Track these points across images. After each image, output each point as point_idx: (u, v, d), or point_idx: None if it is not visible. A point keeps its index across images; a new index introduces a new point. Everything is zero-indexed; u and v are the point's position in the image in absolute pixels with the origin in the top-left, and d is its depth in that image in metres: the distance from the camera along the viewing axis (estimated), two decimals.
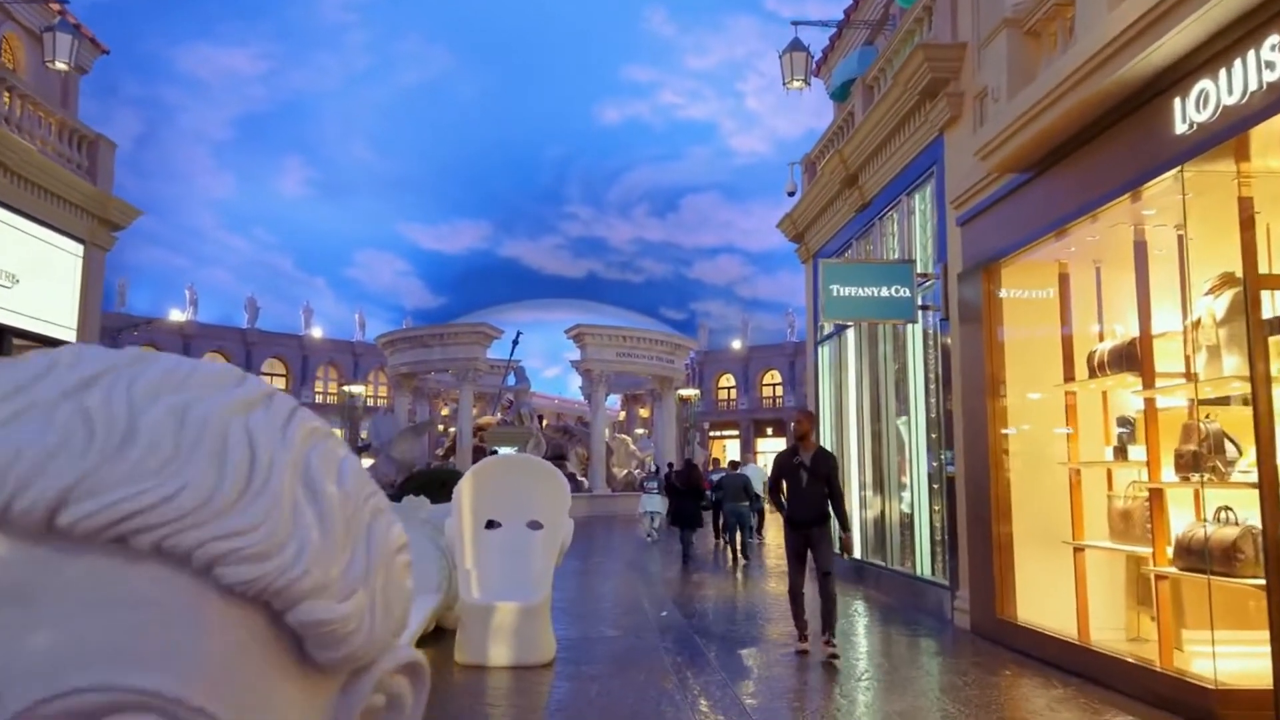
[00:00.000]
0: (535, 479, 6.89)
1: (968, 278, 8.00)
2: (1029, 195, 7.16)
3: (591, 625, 8.13)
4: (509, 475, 6.93)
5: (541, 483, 6.87)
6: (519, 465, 6.99)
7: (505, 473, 6.93)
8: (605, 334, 31.83)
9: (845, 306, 8.62)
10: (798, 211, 13.49)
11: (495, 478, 6.89)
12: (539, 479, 6.88)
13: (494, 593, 6.51)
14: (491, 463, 6.96)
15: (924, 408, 9.45)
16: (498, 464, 6.97)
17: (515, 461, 7.07)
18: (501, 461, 6.94)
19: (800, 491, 6.72)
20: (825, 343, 13.07)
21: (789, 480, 6.80)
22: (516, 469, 6.96)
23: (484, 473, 6.87)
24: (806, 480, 6.71)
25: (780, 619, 8.60)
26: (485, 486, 6.83)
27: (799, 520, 6.75)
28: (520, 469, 6.95)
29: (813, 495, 6.72)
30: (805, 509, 6.74)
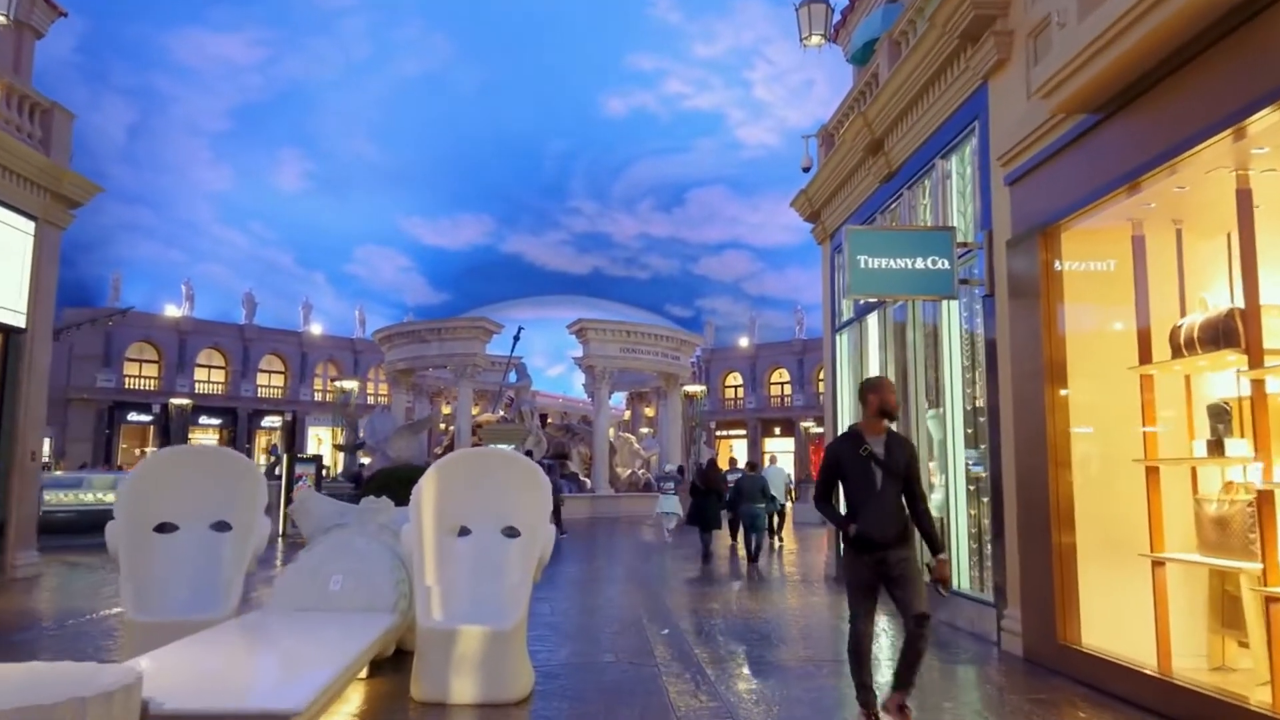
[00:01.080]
0: (511, 477, 5.79)
1: (1019, 246, 6.88)
2: (1098, 142, 6.03)
3: (581, 647, 7.03)
4: (480, 473, 5.83)
5: (519, 482, 5.78)
6: (492, 461, 5.90)
7: (476, 470, 5.83)
8: (609, 329, 30.76)
9: (874, 280, 7.50)
10: (814, 187, 12.36)
11: (464, 475, 5.80)
12: (516, 477, 5.79)
13: (458, 614, 5.42)
14: (459, 458, 5.86)
15: (960, 399, 8.33)
16: (467, 459, 5.87)
17: (487, 457, 5.97)
18: (471, 456, 5.87)
19: (873, 496, 4.64)
20: (844, 330, 11.95)
21: (853, 480, 4.73)
22: (489, 465, 5.87)
23: (450, 470, 5.78)
24: (881, 479, 4.65)
25: (800, 640, 7.49)
26: (452, 486, 5.75)
27: (874, 539, 4.62)
28: (494, 466, 5.86)
29: (891, 501, 4.65)
30: (881, 522, 4.62)
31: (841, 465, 4.80)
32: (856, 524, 4.65)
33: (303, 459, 20.88)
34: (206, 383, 46.83)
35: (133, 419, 43.43)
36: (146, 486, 5.77)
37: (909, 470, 4.74)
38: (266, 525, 5.76)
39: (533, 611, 9.00)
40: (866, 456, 4.69)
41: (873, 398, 4.86)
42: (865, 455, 4.69)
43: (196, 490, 5.87)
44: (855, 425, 4.95)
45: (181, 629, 4.99)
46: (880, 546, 4.64)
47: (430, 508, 5.62)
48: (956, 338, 8.45)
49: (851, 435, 4.91)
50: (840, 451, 4.85)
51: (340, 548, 5.82)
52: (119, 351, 43.68)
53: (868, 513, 4.64)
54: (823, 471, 4.93)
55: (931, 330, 9.09)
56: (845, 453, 4.79)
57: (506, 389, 33.18)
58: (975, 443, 8.05)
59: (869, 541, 4.65)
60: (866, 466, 4.68)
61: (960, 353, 8.35)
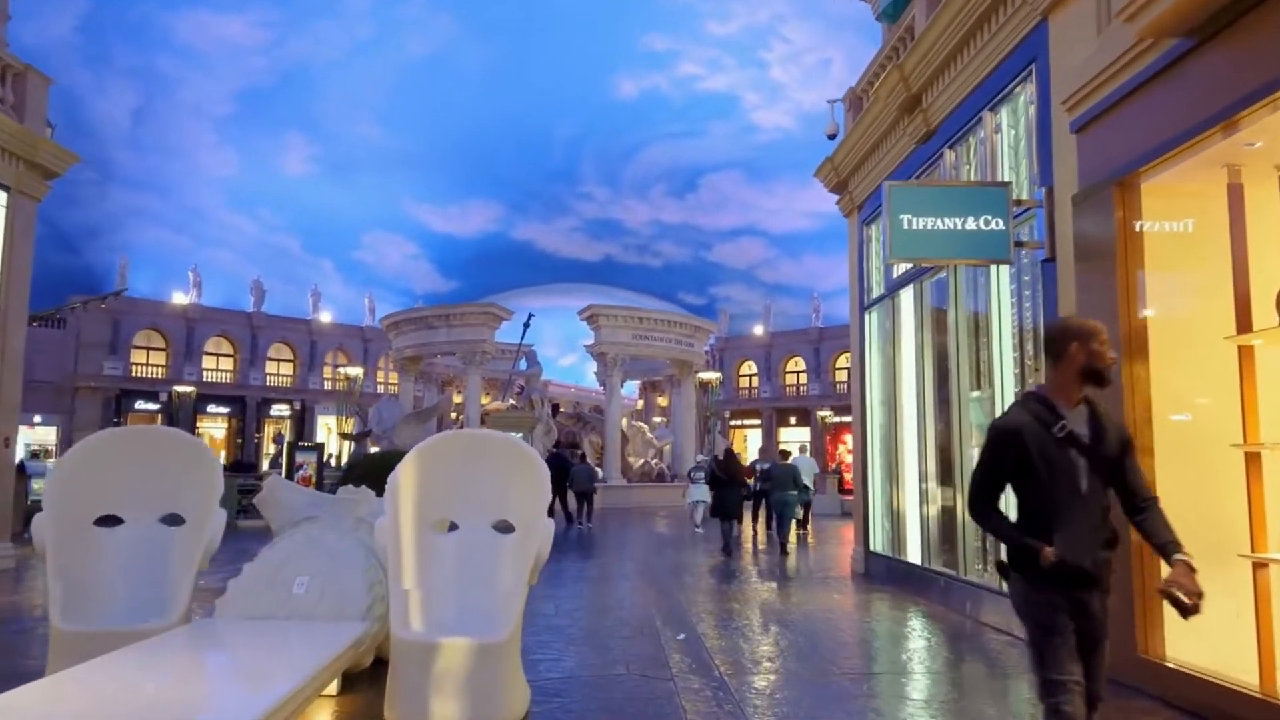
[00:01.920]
0: (505, 463, 4.98)
1: (1088, 201, 5.99)
2: (1189, 72, 5.14)
3: (587, 657, 6.23)
4: (469, 458, 5.02)
5: (513, 469, 4.97)
6: (482, 445, 5.08)
7: (464, 455, 5.02)
8: (620, 315, 29.96)
9: (917, 243, 6.63)
10: (840, 154, 11.47)
11: (449, 461, 4.99)
12: (510, 463, 4.98)
13: (441, 624, 4.63)
14: (444, 440, 5.05)
15: (1011, 380, 7.46)
16: (453, 442, 5.06)
17: (477, 440, 5.16)
18: (458, 439, 5.07)
19: (1077, 500, 2.98)
20: (874, 308, 11.08)
21: (1043, 475, 2.98)
22: (479, 450, 5.05)
23: (433, 454, 4.97)
24: (1088, 475, 3.00)
25: (834, 648, 6.66)
26: (435, 473, 4.95)
27: (1084, 570, 2.95)
28: (485, 450, 5.05)
29: (1099, 508, 3.00)
30: (1092, 541, 2.97)
31: (1025, 452, 2.99)
32: (1056, 545, 2.91)
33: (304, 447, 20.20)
34: (215, 371, 46.33)
35: (140, 407, 42.98)
36: (84, 473, 5.01)
37: (1125, 458, 3.08)
38: (222, 518, 4.99)
39: (537, 612, 8.23)
40: (1064, 439, 2.99)
41: (1075, 349, 3.05)
42: (1063, 437, 2.99)
43: (144, 477, 5.10)
44: (1039, 390, 3.18)
45: (119, 640, 4.21)
46: (1089, 580, 2.96)
47: (409, 498, 4.82)
48: (1007, 309, 7.57)
49: (1038, 403, 3.10)
50: (1022, 430, 3.02)
51: (307, 545, 5.04)
52: (126, 339, 43.22)
53: (1071, 526, 2.94)
54: (988, 464, 3.13)
55: (978, 302, 8.21)
56: (1031, 433, 3.00)
57: (516, 377, 32.46)
58: None
59: (1074, 574, 2.93)
60: (1064, 455, 2.98)
61: (1012, 326, 7.48)
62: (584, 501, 18.88)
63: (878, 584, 10.09)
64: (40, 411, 40.50)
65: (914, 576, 9.41)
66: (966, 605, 8.00)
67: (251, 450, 44.48)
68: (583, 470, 19.58)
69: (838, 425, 48.07)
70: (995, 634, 7.12)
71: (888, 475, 10.64)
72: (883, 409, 10.92)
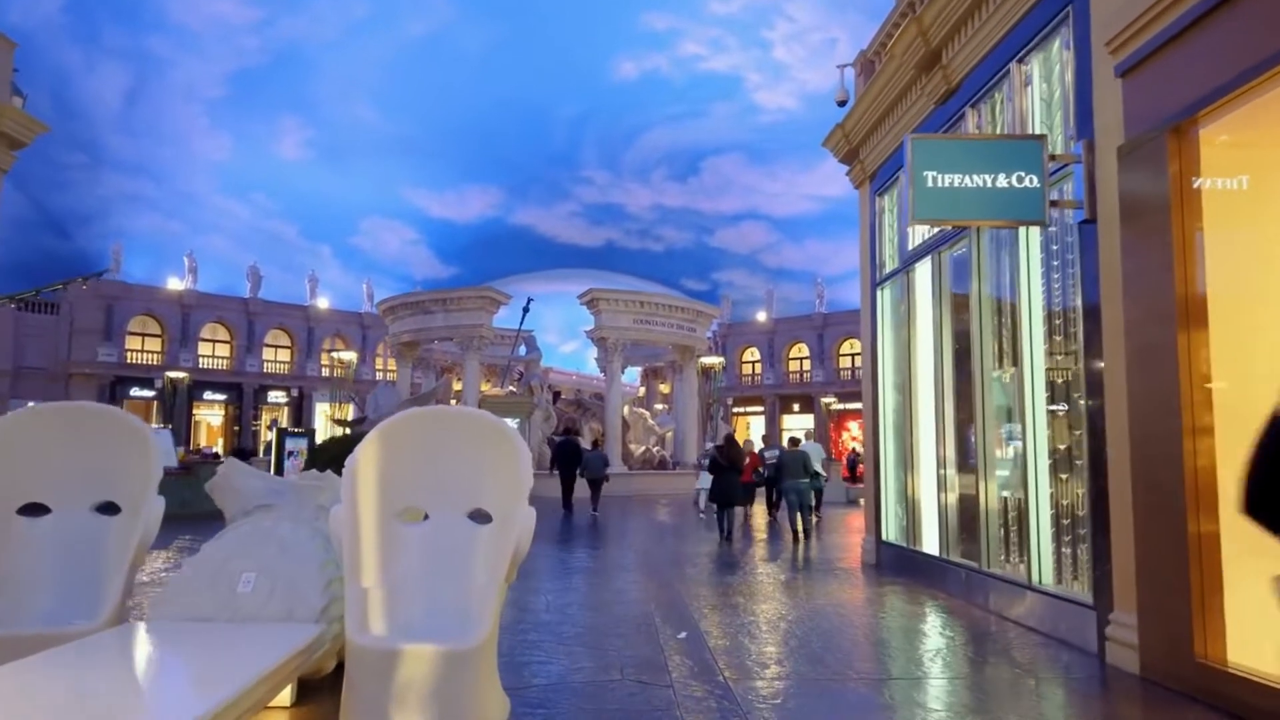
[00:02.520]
0: (480, 445, 4.39)
1: (1137, 152, 5.36)
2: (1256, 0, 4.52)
3: (577, 659, 5.65)
4: (440, 438, 4.43)
5: (490, 450, 4.37)
6: (455, 424, 4.47)
7: (433, 434, 4.43)
8: (621, 299, 29.34)
9: (943, 203, 6.01)
10: (851, 120, 10.81)
11: (417, 442, 4.40)
12: (486, 444, 4.38)
13: (405, 627, 4.05)
14: (411, 418, 4.45)
15: (1042, 356, 6.85)
16: (421, 420, 4.45)
17: (448, 418, 4.55)
18: (427, 417, 4.47)
19: None
20: (886, 284, 10.45)
21: None
22: (451, 429, 4.45)
23: (399, 434, 4.38)
24: None
25: (849, 648, 6.08)
26: (400, 455, 4.36)
27: None
28: (458, 429, 4.45)
29: None
30: None
31: None
32: None
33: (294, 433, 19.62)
34: (211, 357, 45.81)
35: (135, 394, 42.47)
36: (6, 457, 4.42)
37: None
38: (159, 506, 4.41)
39: (526, 607, 7.66)
40: None
41: None
42: None
43: (74, 461, 4.53)
44: None
45: (41, 644, 3.65)
46: None
47: (370, 484, 4.23)
48: (1036, 280, 6.95)
49: None
50: None
51: (256, 537, 4.44)
52: (120, 325, 42.68)
53: None
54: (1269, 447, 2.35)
55: (1003, 273, 7.58)
56: None
57: (516, 363, 31.90)
58: (1069, 405, 6.58)
59: None
60: None
61: (1042, 299, 6.85)
62: (596, 488, 18.84)
63: (891, 575, 9.52)
64: (33, 398, 39.94)
65: (930, 568, 8.84)
66: (990, 599, 7.42)
67: (249, 437, 43.97)
68: (596, 457, 19.47)
69: (842, 412, 47.51)
70: (1022, 631, 6.54)
71: (901, 461, 10.05)
72: (896, 392, 10.32)
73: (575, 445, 20.02)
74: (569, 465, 19.04)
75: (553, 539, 13.83)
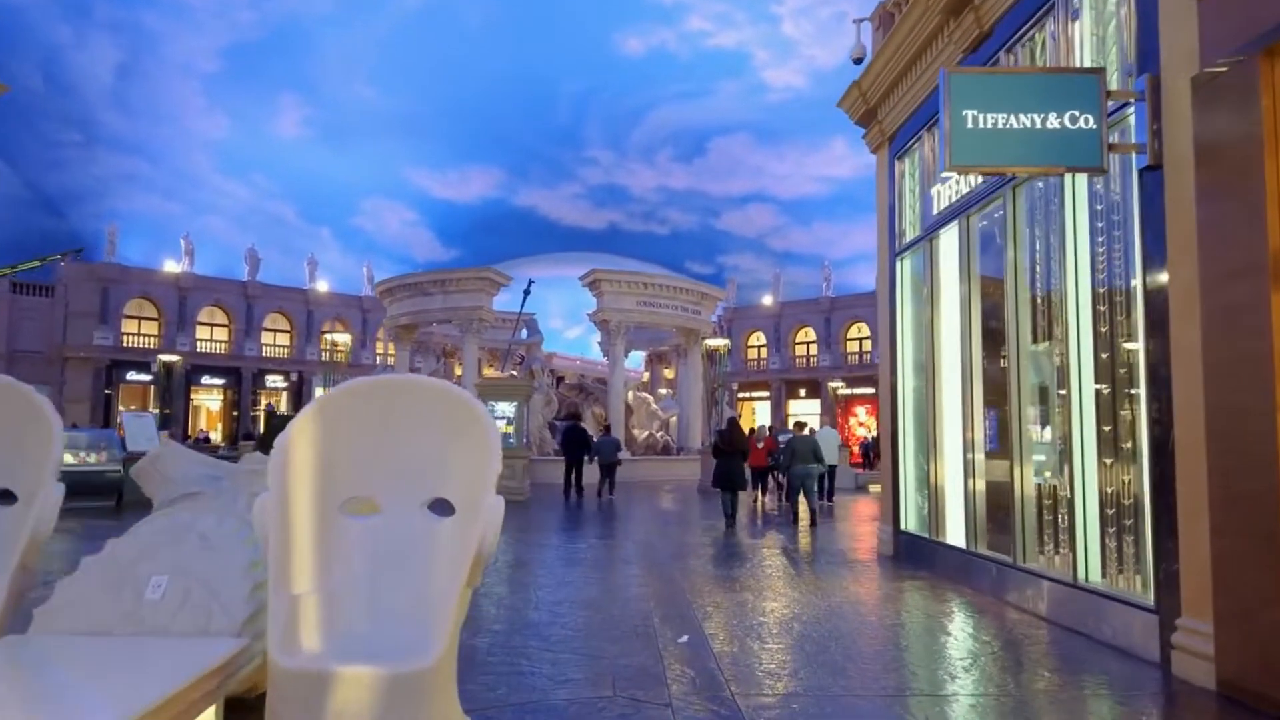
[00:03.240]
0: (440, 421, 3.66)
1: (1218, 82, 4.58)
2: None
3: (564, 670, 4.94)
4: (391, 414, 3.69)
5: (452, 429, 3.64)
6: (408, 397, 3.72)
7: (384, 409, 3.69)
8: (624, 281, 28.58)
9: (984, 147, 5.24)
10: (869, 78, 10.00)
11: (364, 418, 3.67)
12: (447, 421, 3.65)
13: (343, 646, 3.33)
14: (356, 390, 3.71)
15: (1090, 324, 6.09)
16: (368, 392, 3.71)
17: (401, 390, 3.78)
18: (375, 389, 3.72)
19: None
20: (907, 253, 9.68)
21: None
22: (406, 402, 3.71)
23: (342, 409, 3.66)
24: None
25: (871, 656, 5.35)
26: (346, 435, 3.63)
27: None
28: (414, 404, 3.71)
29: None
30: None
31: None
32: None
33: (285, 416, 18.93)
34: (209, 341, 45.19)
35: (132, 378, 41.91)
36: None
37: None
38: (56, 495, 3.69)
39: (511, 607, 6.94)
40: None
41: None
42: None
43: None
44: None
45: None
46: None
47: (307, 468, 3.51)
48: (1084, 239, 6.17)
49: None
50: None
51: (173, 532, 3.73)
52: (116, 308, 42.06)
53: None
54: None
55: (1043, 235, 6.81)
56: None
57: (517, 347, 31.17)
58: (1117, 382, 5.83)
59: None
60: None
61: (1091, 260, 6.08)
62: (608, 473, 18.89)
63: (911, 569, 8.80)
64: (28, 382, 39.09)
65: (955, 561, 8.11)
66: (1025, 598, 6.69)
67: (248, 422, 43.41)
68: (609, 442, 19.64)
69: (849, 397, 46.77)
70: (1065, 634, 5.81)
71: (922, 446, 9.31)
72: (916, 371, 9.57)
73: (582, 431, 19.84)
74: (575, 450, 18.82)
75: (552, 527, 13.15)
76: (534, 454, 23.22)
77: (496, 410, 18.65)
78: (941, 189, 8.45)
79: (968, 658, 5.30)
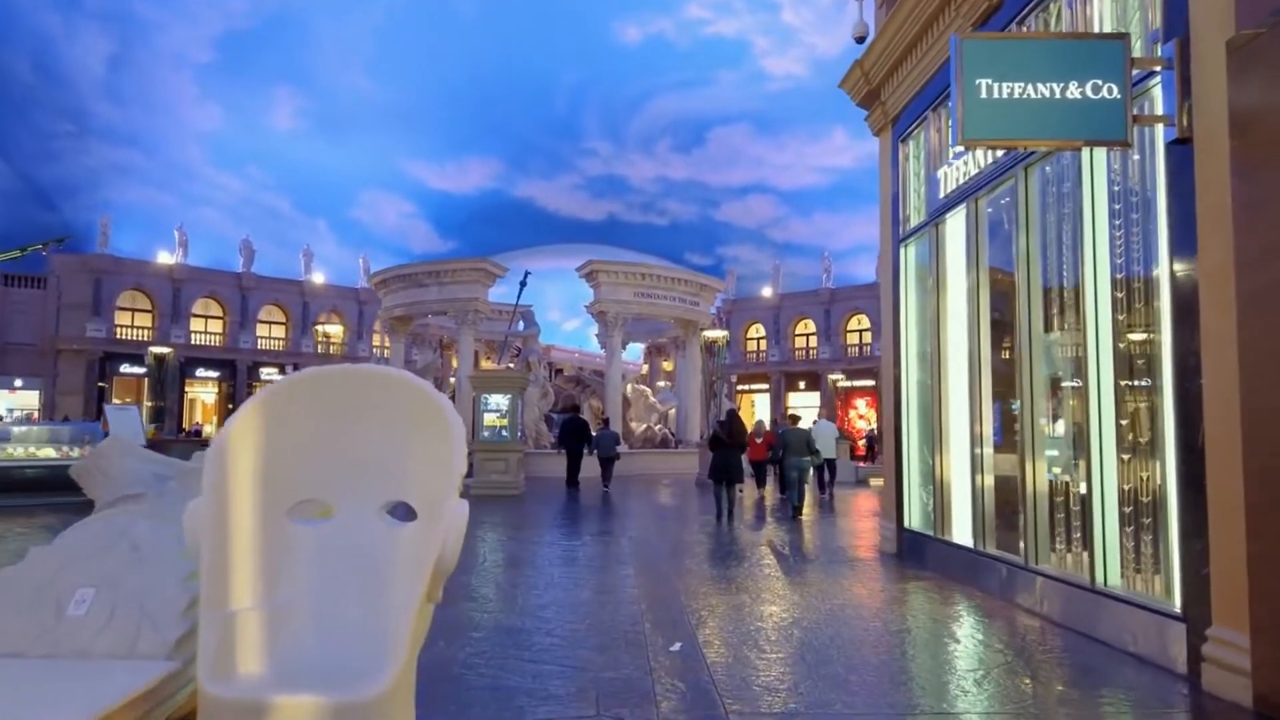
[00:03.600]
0: (399, 416, 3.28)
1: (1257, 45, 4.19)
2: None
3: (544, 684, 4.57)
4: (343, 408, 3.32)
5: (412, 424, 3.26)
6: (366, 388, 3.35)
7: (338, 402, 3.32)
8: (621, 271, 28.19)
9: (999, 119, 4.85)
10: (872, 56, 9.60)
11: (317, 412, 3.30)
12: (408, 416, 3.27)
13: (285, 671, 2.96)
14: (304, 381, 3.33)
15: (1109, 311, 5.71)
16: (317, 383, 3.34)
17: (359, 381, 3.41)
18: (329, 379, 3.36)
19: None
20: (911, 240, 9.30)
21: None
22: (362, 395, 3.33)
23: (291, 401, 3.28)
24: None
25: (878, 667, 4.99)
26: (295, 431, 3.25)
27: None
28: (372, 396, 3.33)
29: None
30: None
31: None
32: None
33: None
34: (203, 333, 44.79)
35: (125, 371, 41.53)
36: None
37: None
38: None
39: (497, 609, 6.57)
40: None
41: None
42: None
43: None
44: None
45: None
46: None
47: (248, 469, 3.14)
48: (1103, 220, 5.79)
49: None
50: None
51: (103, 539, 3.36)
52: (109, 300, 41.65)
53: None
54: None
55: (1058, 217, 6.43)
56: None
57: (513, 339, 30.78)
58: (1138, 373, 5.46)
59: None
60: None
61: (1112, 240, 5.70)
62: (608, 466, 18.90)
63: (914, 568, 8.45)
64: (20, 374, 39.13)
65: (962, 561, 7.75)
66: (1037, 601, 6.34)
67: None
68: (608, 435, 19.80)
69: (849, 390, 46.41)
70: (1082, 641, 5.46)
71: (927, 440, 8.94)
72: (921, 361, 9.20)
73: (582, 423, 19.80)
74: (575, 443, 18.69)
75: (545, 523, 12.81)
76: (530, 447, 22.87)
77: (490, 403, 18.28)
78: (949, 170, 8.07)
79: (980, 669, 4.94)
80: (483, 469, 17.46)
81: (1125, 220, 5.59)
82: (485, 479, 17.32)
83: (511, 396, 18.31)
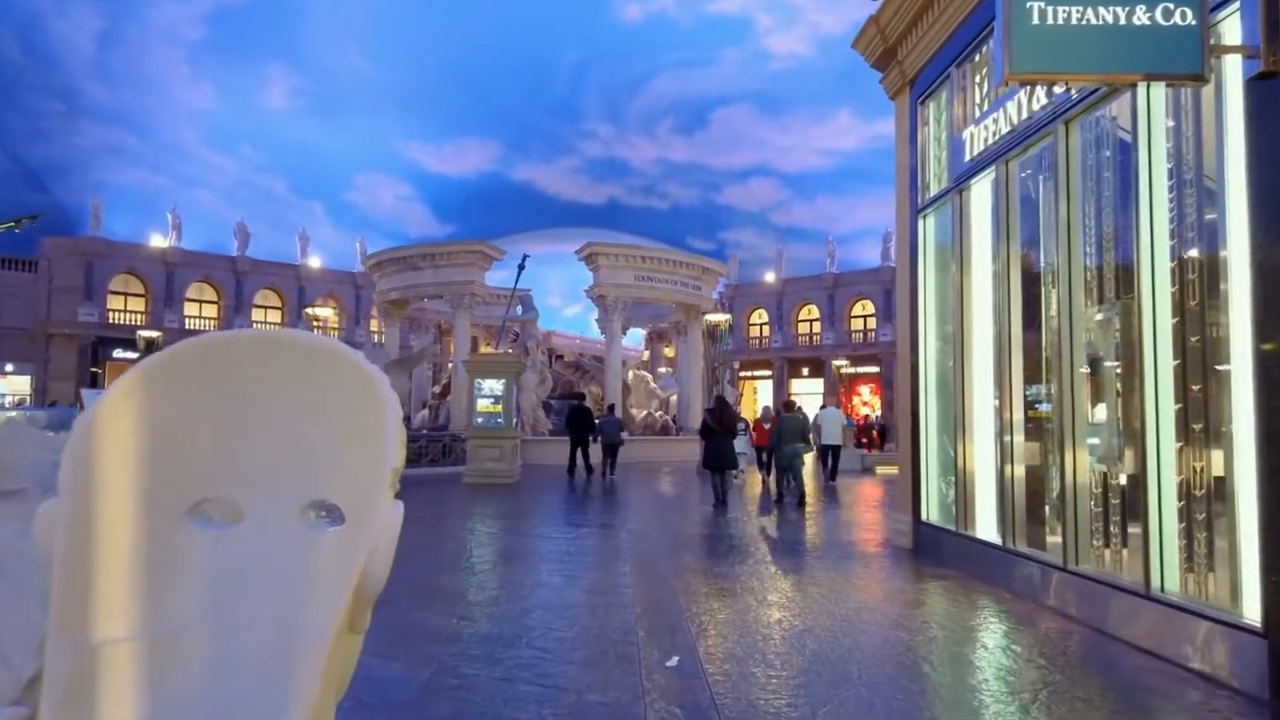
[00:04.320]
0: (321, 394, 2.60)
1: None
2: None
3: (518, 708, 3.92)
4: (254, 384, 2.64)
5: (339, 405, 2.57)
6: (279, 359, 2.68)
7: (243, 377, 2.64)
8: (621, 254, 27.49)
9: (1054, 49, 4.15)
10: (889, 11, 8.87)
11: (216, 389, 2.62)
12: (331, 394, 2.58)
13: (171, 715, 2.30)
14: (207, 350, 2.66)
15: (1166, 280, 5.02)
16: (223, 353, 2.67)
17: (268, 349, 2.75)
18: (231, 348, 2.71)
19: None
20: (931, 210, 8.60)
21: None
22: (274, 368, 2.65)
23: (184, 376, 2.60)
24: None
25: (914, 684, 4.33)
26: (186, 412, 2.58)
27: None
28: (286, 369, 2.65)
29: None
30: None
31: None
32: None
33: None
34: (198, 317, 44.14)
35: (119, 355, 40.90)
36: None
37: None
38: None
39: (477, 616, 5.90)
40: None
41: None
42: None
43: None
44: None
45: None
46: None
47: (124, 461, 2.47)
48: (1161, 176, 5.09)
49: None
50: None
51: None
52: (101, 283, 40.98)
53: None
54: None
55: (1107, 175, 5.73)
56: None
57: (511, 323, 30.12)
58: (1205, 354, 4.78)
59: None
60: None
61: (1176, 197, 5.00)
62: (612, 453, 18.69)
63: (932, 565, 7.80)
64: (11, 359, 38.53)
65: (987, 559, 7.10)
66: (1077, 607, 5.68)
67: None
68: (612, 422, 19.48)
69: (853, 376, 45.76)
70: (1136, 655, 4.81)
71: (947, 427, 8.28)
72: (940, 341, 8.52)
73: (587, 410, 19.27)
74: (580, 430, 18.14)
75: (539, 514, 12.18)
76: (527, 434, 22.25)
77: (484, 388, 17.63)
78: (975, 131, 7.36)
79: (1026, 691, 4.28)
80: (476, 456, 16.84)
81: (1195, 175, 4.90)
82: (479, 467, 16.70)
83: (506, 381, 17.65)
